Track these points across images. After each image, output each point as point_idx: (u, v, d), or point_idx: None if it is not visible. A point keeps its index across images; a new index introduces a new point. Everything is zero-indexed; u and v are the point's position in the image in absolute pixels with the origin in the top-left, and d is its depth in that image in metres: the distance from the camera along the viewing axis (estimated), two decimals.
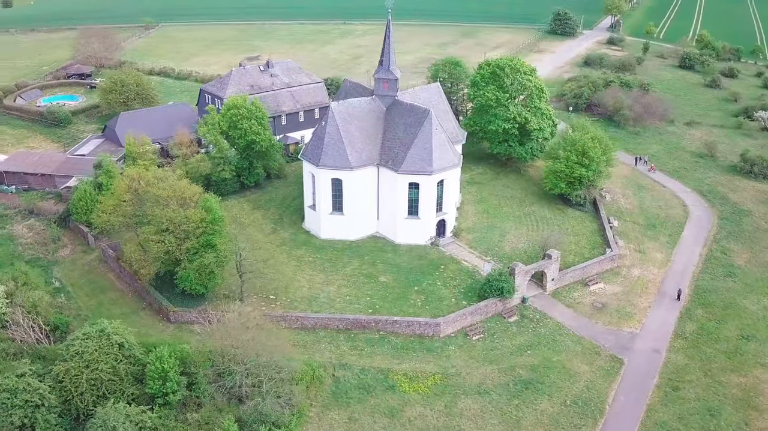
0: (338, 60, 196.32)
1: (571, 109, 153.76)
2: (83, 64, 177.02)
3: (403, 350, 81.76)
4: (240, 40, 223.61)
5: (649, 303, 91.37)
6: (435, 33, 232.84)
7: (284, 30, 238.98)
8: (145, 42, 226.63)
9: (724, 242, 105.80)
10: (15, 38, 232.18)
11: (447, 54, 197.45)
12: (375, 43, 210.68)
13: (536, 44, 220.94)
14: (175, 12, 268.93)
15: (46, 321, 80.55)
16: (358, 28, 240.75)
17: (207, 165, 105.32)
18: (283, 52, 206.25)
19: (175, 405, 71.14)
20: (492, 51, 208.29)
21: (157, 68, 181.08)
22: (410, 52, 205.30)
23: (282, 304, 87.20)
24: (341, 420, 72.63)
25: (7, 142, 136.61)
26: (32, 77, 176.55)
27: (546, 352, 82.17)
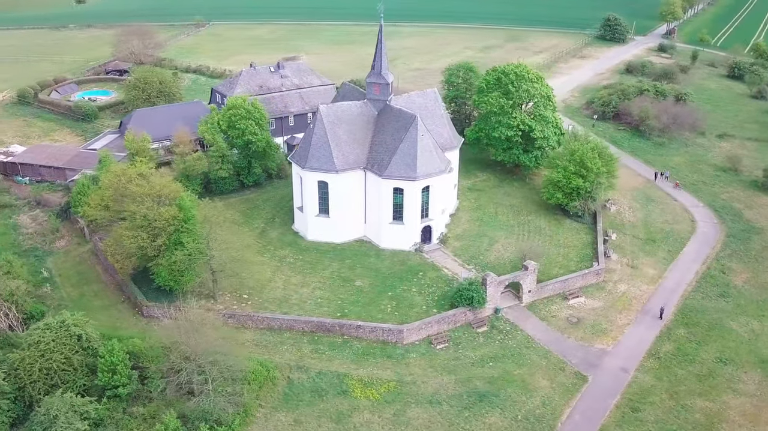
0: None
1: (595, 117, 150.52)
2: (123, 61, 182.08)
3: (364, 355, 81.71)
4: (285, 40, 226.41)
5: (629, 320, 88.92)
6: (480, 36, 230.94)
7: (331, 31, 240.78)
8: (194, 40, 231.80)
9: (726, 261, 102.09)
10: (71, 34, 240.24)
11: (488, 57, 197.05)
12: (418, 44, 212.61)
13: (581, 50, 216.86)
14: (229, 11, 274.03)
15: (21, 310, 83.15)
16: (404, 29, 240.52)
17: (204, 164, 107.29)
18: (321, 53, 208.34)
19: (124, 397, 72.81)
20: (534, 56, 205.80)
21: (194, 66, 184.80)
22: (450, 56, 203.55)
23: (253, 304, 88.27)
24: (287, 422, 73.14)
25: (35, 134, 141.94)
26: (76, 73, 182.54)
27: (508, 365, 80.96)
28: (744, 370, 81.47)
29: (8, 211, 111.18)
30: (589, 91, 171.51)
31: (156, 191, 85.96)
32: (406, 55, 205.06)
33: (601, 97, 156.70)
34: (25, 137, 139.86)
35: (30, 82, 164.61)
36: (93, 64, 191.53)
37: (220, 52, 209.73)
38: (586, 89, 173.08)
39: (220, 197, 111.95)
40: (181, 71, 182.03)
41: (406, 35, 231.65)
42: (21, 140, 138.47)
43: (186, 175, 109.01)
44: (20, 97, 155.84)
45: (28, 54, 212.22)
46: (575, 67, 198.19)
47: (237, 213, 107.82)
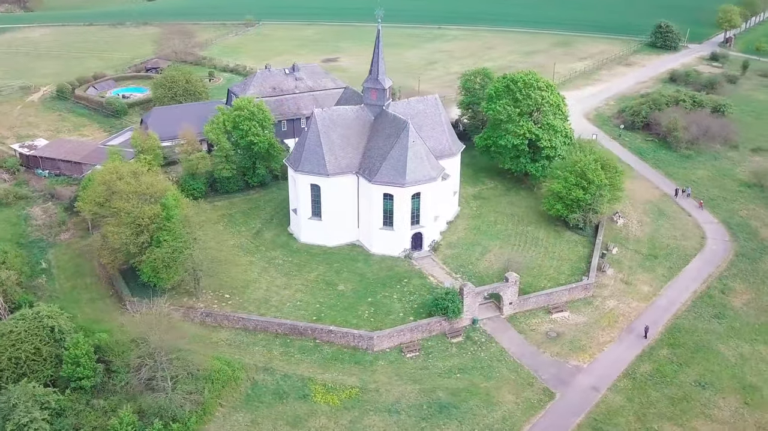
0: (413, 65, 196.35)
1: (622, 126, 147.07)
2: (163, 60, 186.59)
3: (333, 360, 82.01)
4: (329, 41, 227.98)
5: (611, 338, 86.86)
6: (527, 41, 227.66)
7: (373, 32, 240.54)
8: (240, 39, 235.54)
9: (729, 281, 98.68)
10: (127, 31, 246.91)
11: (529, 62, 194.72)
12: (460, 48, 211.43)
13: (627, 57, 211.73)
14: (281, 10, 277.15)
15: (10, 299, 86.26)
16: (450, 32, 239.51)
17: (207, 163, 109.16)
18: (360, 55, 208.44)
19: (88, 389, 74.78)
20: (577, 62, 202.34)
21: (231, 65, 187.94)
22: (492, 60, 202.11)
23: (233, 303, 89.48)
24: (244, 423, 74.02)
25: (66, 128, 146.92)
26: (120, 69, 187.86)
27: (476, 377, 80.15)
28: (722, 395, 78.69)
29: (23, 202, 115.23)
30: (626, 100, 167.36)
31: (142, 189, 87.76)
32: (446, 59, 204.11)
33: (632, 106, 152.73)
34: (56, 131, 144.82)
35: (73, 78, 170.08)
36: (138, 61, 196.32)
37: (262, 52, 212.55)
38: (623, 98, 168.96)
39: (225, 196, 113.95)
40: (219, 70, 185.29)
41: (451, 39, 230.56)
42: (52, 133, 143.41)
43: (191, 174, 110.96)
44: (59, 92, 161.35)
45: (80, 50, 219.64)
46: (618, 74, 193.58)
47: (237, 213, 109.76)
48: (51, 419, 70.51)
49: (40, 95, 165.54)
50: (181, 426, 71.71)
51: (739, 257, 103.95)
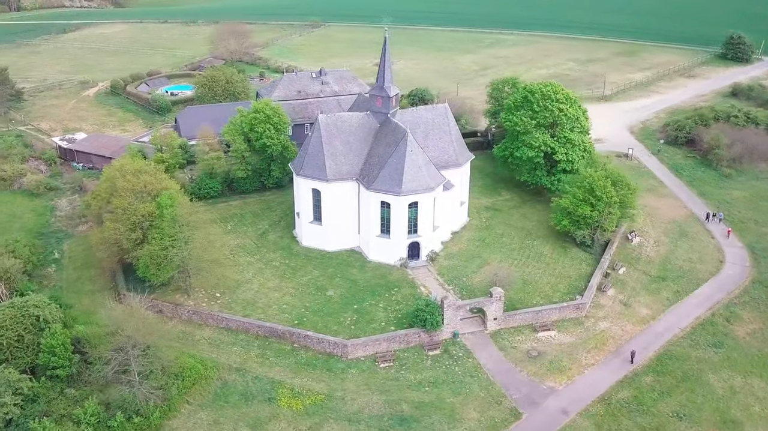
0: (464, 70, 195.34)
1: (661, 141, 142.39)
2: (217, 58, 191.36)
3: (306, 365, 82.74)
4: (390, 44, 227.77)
5: (595, 361, 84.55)
6: (588, 48, 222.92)
7: (439, 36, 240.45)
8: (302, 40, 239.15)
9: (738, 308, 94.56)
10: (198, 29, 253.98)
11: (586, 71, 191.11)
12: (516, 54, 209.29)
13: (692, 68, 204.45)
14: (348, 12, 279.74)
15: (13, 287, 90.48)
16: (511, 38, 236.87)
17: (222, 163, 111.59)
18: (418, 59, 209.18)
19: (63, 378, 77.66)
20: (638, 72, 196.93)
21: (284, 66, 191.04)
22: (546, 67, 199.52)
23: (222, 303, 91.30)
24: (206, 422, 75.48)
25: (111, 123, 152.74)
26: (178, 67, 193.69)
27: (445, 392, 79.41)
28: (699, 429, 75.56)
29: (53, 193, 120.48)
30: (679, 113, 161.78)
31: (140, 187, 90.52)
32: (500, 65, 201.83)
33: (677, 120, 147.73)
34: (101, 126, 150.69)
35: (132, 74, 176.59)
36: (198, 59, 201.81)
37: (320, 53, 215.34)
38: (676, 111, 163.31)
39: (241, 196, 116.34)
40: (271, 71, 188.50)
41: (510, 44, 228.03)
42: (96, 128, 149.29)
43: (208, 173, 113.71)
44: (112, 88, 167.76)
45: (149, 47, 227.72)
46: (677, 86, 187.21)
47: (249, 213, 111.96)
48: (24, 404, 73.37)
49: (96, 90, 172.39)
50: (143, 421, 73.68)
51: (755, 285, 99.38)
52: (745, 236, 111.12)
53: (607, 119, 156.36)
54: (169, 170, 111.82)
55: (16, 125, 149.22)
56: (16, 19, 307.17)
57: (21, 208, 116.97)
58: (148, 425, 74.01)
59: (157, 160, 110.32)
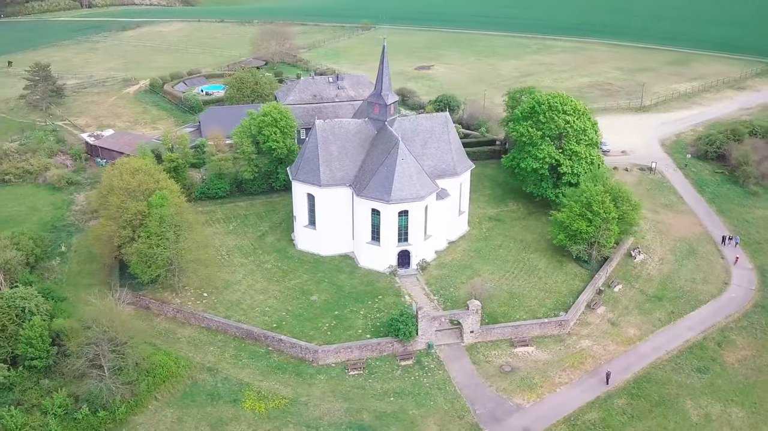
0: (504, 76, 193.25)
1: (689, 155, 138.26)
2: (258, 59, 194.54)
3: (276, 369, 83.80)
4: (433, 48, 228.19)
5: (569, 380, 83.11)
6: (638, 56, 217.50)
7: (484, 41, 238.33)
8: (350, 42, 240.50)
9: (732, 333, 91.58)
10: (251, 29, 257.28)
11: (631, 80, 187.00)
12: (562, 61, 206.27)
13: (744, 80, 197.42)
14: (404, 15, 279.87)
15: (13, 278, 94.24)
16: (560, 44, 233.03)
17: (228, 165, 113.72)
18: (457, 64, 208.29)
19: (40, 369, 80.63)
20: (685, 83, 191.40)
21: (322, 68, 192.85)
22: (590, 75, 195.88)
23: (207, 302, 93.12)
24: (170, 419, 77.26)
25: (144, 121, 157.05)
26: (221, 67, 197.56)
27: (408, 403, 79.31)
28: None
29: (74, 188, 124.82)
30: (717, 126, 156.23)
31: (133, 186, 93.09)
32: (542, 72, 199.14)
33: (709, 134, 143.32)
34: (134, 123, 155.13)
35: (172, 72, 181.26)
36: (239, 60, 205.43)
37: (361, 56, 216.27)
38: (715, 125, 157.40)
39: (249, 197, 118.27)
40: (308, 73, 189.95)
41: (558, 51, 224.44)
42: (128, 125, 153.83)
43: (218, 174, 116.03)
44: (151, 86, 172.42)
45: (200, 46, 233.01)
46: (723, 99, 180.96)
47: (253, 214, 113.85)
48: None
49: (136, 88, 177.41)
50: (108, 415, 75.90)
51: (756, 309, 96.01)
52: (757, 258, 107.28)
53: (640, 130, 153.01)
54: (179, 170, 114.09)
55: (54, 120, 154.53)
56: (84, 16, 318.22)
57: (42, 201, 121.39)
58: (113, 419, 76.01)
59: (167, 159, 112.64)
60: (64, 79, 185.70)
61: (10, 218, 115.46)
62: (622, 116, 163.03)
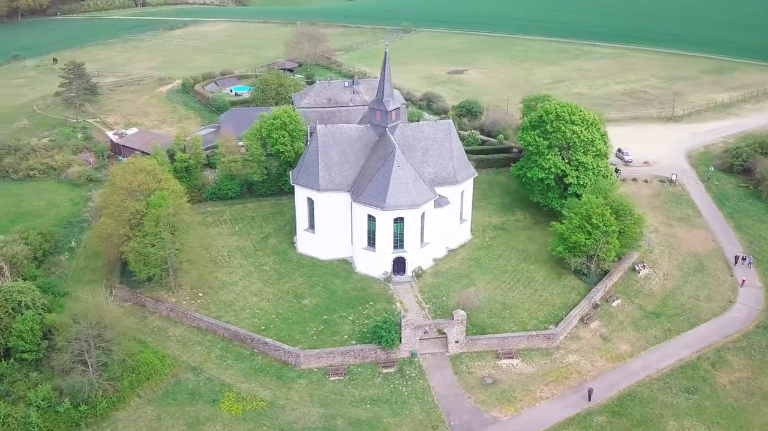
0: (537, 82, 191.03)
1: (712, 168, 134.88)
2: (292, 61, 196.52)
3: (259, 371, 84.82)
4: (469, 52, 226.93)
5: (551, 394, 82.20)
6: (676, 64, 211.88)
7: (520, 46, 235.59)
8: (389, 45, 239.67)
9: (729, 353, 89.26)
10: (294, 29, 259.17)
11: (667, 88, 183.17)
12: (598, 68, 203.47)
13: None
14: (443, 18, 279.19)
15: (19, 272, 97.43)
16: (600, 50, 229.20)
17: (237, 166, 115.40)
18: (491, 68, 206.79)
19: (30, 362, 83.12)
20: (725, 92, 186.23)
21: (352, 72, 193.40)
22: (625, 83, 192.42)
23: (201, 302, 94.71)
24: (149, 417, 78.87)
25: (171, 120, 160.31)
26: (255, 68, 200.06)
27: (384, 411, 79.51)
28: None
29: (93, 185, 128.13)
30: (749, 139, 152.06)
31: (134, 185, 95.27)
32: (577, 78, 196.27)
33: (737, 147, 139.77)
34: (161, 122, 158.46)
35: (205, 73, 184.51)
36: (273, 62, 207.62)
37: (397, 59, 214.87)
38: (748, 137, 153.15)
39: (259, 198, 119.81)
40: (341, 76, 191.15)
41: (597, 57, 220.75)
42: (157, 124, 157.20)
43: (228, 175, 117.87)
44: (183, 85, 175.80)
45: (240, 46, 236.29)
46: (763, 109, 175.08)
47: (259, 216, 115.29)
48: None
49: (169, 87, 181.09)
50: (88, 409, 77.85)
51: (759, 330, 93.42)
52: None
53: (668, 140, 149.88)
54: (191, 170, 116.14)
55: (85, 117, 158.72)
56: (137, 15, 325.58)
57: (61, 197, 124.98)
58: (94, 414, 77.92)
59: (179, 159, 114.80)
60: (103, 77, 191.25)
61: (29, 213, 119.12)
62: (651, 126, 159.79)
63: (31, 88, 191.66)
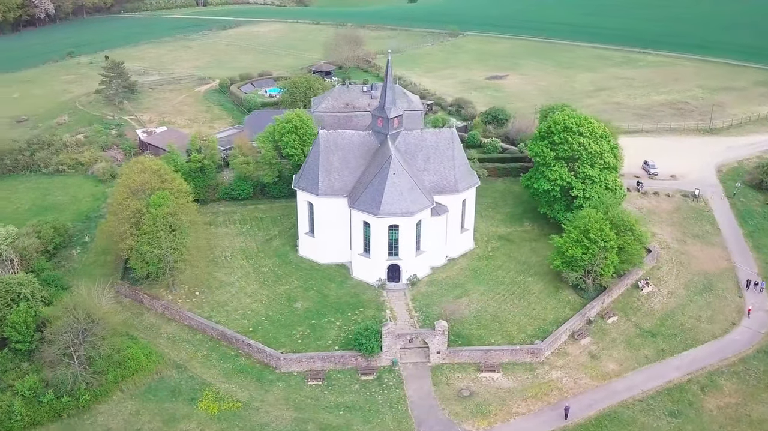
0: (575, 90, 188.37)
1: (738, 185, 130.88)
2: (330, 64, 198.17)
3: (240, 372, 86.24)
4: (511, 57, 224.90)
5: (527, 410, 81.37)
6: (726, 74, 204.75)
7: (568, 53, 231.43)
8: (432, 49, 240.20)
9: (722, 378, 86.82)
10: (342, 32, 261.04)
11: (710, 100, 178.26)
12: (643, 76, 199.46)
13: None
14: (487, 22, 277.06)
15: (29, 264, 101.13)
16: (648, 58, 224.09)
17: (249, 168, 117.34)
18: (531, 75, 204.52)
19: (23, 352, 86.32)
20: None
21: None
22: (667, 93, 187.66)
23: (195, 301, 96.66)
24: (128, 411, 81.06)
25: (202, 119, 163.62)
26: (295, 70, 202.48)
27: (356, 419, 79.97)
28: None
29: (115, 181, 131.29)
30: None
31: (137, 184, 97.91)
32: (618, 87, 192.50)
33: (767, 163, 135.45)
34: (192, 121, 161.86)
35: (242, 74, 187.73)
36: (319, 63, 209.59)
37: (435, 64, 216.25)
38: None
39: (271, 200, 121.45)
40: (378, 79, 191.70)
41: (642, 65, 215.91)
42: (188, 123, 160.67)
43: (243, 177, 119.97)
44: (220, 86, 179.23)
45: (287, 48, 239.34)
46: None
47: (268, 218, 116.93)
48: None
49: (207, 87, 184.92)
50: (71, 401, 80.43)
51: (758, 354, 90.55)
52: None
53: (700, 154, 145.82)
54: (206, 170, 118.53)
55: (122, 115, 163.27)
56: (195, 14, 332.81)
57: (84, 192, 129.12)
58: (76, 406, 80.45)
59: (193, 159, 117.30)
60: (148, 75, 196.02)
61: (52, 206, 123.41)
62: (686, 138, 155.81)
63: (78, 84, 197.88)
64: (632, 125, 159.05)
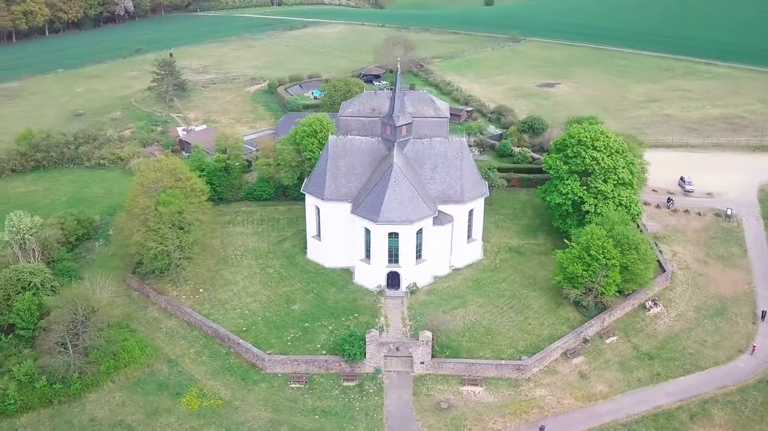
0: (626, 100, 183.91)
1: None
2: (379, 68, 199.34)
3: (227, 370, 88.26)
4: (566, 65, 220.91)
5: (503, 427, 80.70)
6: None
7: (623, 61, 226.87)
8: (490, 54, 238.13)
9: (715, 407, 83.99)
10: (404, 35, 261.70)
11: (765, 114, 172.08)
12: (701, 89, 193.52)
13: None
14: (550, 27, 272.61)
15: (50, 255, 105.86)
16: (714, 70, 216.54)
17: (268, 170, 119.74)
18: (582, 83, 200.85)
19: (26, 338, 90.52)
20: None
21: (435, 81, 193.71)
22: (722, 107, 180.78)
23: (198, 298, 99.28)
24: (115, 402, 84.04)
25: (246, 119, 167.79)
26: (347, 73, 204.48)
27: (330, 424, 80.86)
28: None
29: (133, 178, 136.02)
30: None
31: (148, 183, 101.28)
32: (672, 99, 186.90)
33: None
34: (236, 121, 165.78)
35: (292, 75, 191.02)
36: (370, 66, 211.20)
37: (488, 69, 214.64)
38: None
39: (291, 202, 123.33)
40: (426, 84, 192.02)
41: (706, 77, 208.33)
42: (232, 122, 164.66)
43: (265, 178, 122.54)
44: (269, 86, 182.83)
45: (345, 49, 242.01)
46: None
47: (284, 219, 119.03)
48: None
49: (257, 87, 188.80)
50: (63, 388, 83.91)
51: (759, 385, 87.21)
52: None
53: (744, 171, 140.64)
54: (230, 170, 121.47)
55: (170, 112, 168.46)
56: (268, 14, 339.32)
57: (119, 186, 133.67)
58: (67, 393, 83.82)
59: (217, 159, 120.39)
60: (205, 73, 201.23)
61: (85, 199, 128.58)
62: (733, 154, 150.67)
63: (140, 80, 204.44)
64: (678, 139, 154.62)
